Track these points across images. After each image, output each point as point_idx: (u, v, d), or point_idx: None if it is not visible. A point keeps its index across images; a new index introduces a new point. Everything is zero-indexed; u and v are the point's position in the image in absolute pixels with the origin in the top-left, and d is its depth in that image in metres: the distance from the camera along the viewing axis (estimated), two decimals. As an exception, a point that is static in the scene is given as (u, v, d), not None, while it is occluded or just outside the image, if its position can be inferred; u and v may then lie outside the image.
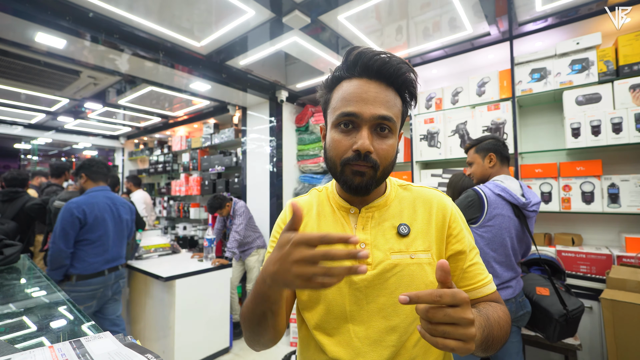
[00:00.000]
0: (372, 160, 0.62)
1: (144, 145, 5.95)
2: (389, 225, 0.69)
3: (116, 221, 2.27)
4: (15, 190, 2.91)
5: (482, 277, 0.70)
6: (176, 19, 2.03)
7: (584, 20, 2.03)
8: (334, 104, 0.66)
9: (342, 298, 0.67)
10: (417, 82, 0.66)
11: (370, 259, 0.66)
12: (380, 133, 0.63)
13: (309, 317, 0.71)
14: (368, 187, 0.64)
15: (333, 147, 0.65)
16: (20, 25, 1.87)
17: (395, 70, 0.62)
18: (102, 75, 2.84)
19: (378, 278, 0.65)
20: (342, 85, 0.66)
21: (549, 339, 1.52)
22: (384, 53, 0.63)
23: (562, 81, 2.11)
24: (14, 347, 0.68)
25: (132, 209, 2.48)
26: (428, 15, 2.05)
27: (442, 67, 2.72)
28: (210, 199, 3.08)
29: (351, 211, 0.72)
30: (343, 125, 0.64)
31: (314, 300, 0.70)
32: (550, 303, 1.52)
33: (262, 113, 3.50)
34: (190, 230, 4.51)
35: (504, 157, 1.63)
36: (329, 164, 0.68)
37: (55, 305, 1.06)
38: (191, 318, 2.53)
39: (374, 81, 0.63)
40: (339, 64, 0.68)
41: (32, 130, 4.85)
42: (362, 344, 0.65)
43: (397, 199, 0.73)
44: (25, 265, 1.69)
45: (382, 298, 0.65)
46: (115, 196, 2.36)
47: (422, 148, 2.67)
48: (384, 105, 0.62)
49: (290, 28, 2.09)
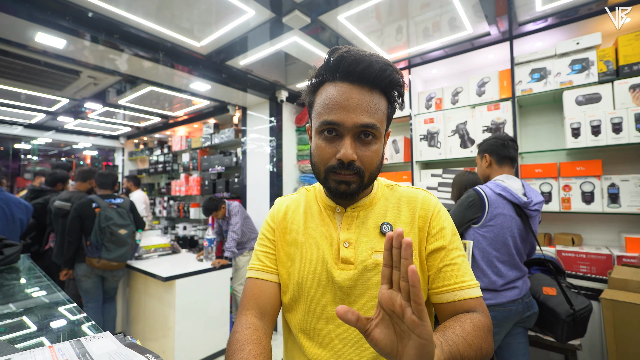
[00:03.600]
0: (356, 167, 0.62)
1: (144, 145, 5.95)
2: (372, 225, 0.69)
3: (8, 220, 2.23)
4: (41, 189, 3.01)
5: (462, 280, 0.65)
6: (176, 19, 2.03)
7: (584, 20, 2.03)
8: (317, 109, 0.65)
9: (324, 297, 0.67)
10: (402, 82, 0.65)
11: (353, 258, 0.66)
12: (364, 139, 0.63)
13: (291, 318, 0.71)
14: (354, 194, 0.65)
15: (317, 154, 0.65)
16: (20, 25, 1.86)
17: (377, 74, 0.60)
18: (102, 75, 2.84)
19: (360, 278, 0.65)
20: (325, 88, 0.64)
21: (559, 339, 1.50)
22: (367, 56, 0.61)
23: (562, 81, 2.11)
24: (14, 347, 0.68)
25: (30, 208, 2.42)
26: (428, 15, 2.05)
27: (442, 67, 2.72)
28: (204, 201, 3.07)
29: (337, 210, 0.72)
30: (326, 132, 0.63)
31: (295, 300, 0.70)
32: (557, 303, 1.49)
33: (262, 113, 3.50)
34: (190, 230, 4.51)
35: (502, 156, 1.62)
36: (315, 169, 0.68)
37: (55, 305, 1.06)
38: (191, 318, 2.53)
39: (356, 86, 0.61)
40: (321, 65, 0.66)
41: (32, 130, 4.85)
42: (344, 345, 0.64)
43: (383, 199, 0.73)
44: (25, 265, 1.69)
45: (363, 298, 0.65)
46: (10, 196, 2.31)
47: (422, 148, 2.67)
48: (366, 113, 0.61)
49: (290, 28, 2.09)
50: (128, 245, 2.67)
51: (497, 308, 1.41)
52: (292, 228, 0.75)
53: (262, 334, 0.64)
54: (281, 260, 0.74)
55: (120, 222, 2.64)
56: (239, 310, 0.71)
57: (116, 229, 2.58)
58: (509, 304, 1.42)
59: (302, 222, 0.74)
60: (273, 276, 0.74)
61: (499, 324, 1.42)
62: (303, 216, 0.75)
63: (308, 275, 0.69)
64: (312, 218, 0.74)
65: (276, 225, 0.78)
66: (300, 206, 0.78)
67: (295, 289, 0.70)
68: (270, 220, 0.79)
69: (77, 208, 2.56)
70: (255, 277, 0.74)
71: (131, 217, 2.77)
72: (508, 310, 1.42)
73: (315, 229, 0.72)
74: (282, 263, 0.74)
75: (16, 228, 2.30)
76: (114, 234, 2.56)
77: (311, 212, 0.75)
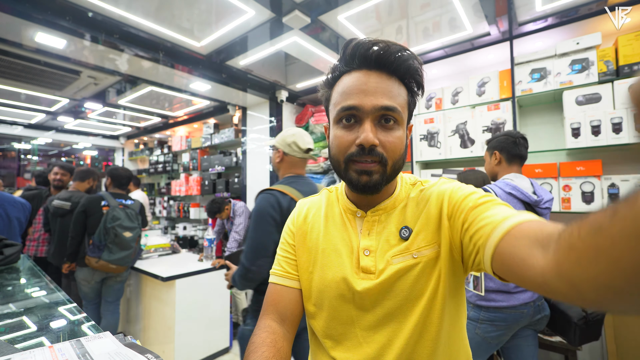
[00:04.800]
0: (378, 153, 0.58)
1: (144, 145, 5.95)
2: (394, 230, 0.63)
3: (3, 220, 2.19)
4: None
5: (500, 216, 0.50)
6: (176, 19, 2.03)
7: (584, 20, 2.03)
8: (335, 100, 0.63)
9: (347, 304, 0.64)
10: (422, 70, 0.61)
11: (374, 267, 0.62)
12: (385, 125, 0.59)
13: (315, 324, 0.69)
14: (377, 186, 0.59)
15: (336, 145, 0.62)
16: (20, 25, 1.87)
17: (395, 58, 0.58)
18: (102, 75, 2.84)
19: (382, 286, 0.61)
20: (342, 80, 0.62)
21: (571, 343, 1.47)
22: (383, 41, 0.58)
23: (562, 81, 2.11)
24: (14, 347, 0.68)
25: (26, 206, 2.38)
26: (428, 15, 2.05)
27: (442, 67, 2.72)
28: (208, 203, 3.06)
29: (357, 214, 0.67)
30: (345, 120, 0.60)
31: (319, 307, 0.67)
32: (568, 305, 1.46)
33: (262, 113, 3.50)
34: (190, 230, 4.51)
35: (513, 155, 1.57)
36: (334, 163, 0.64)
37: (55, 305, 1.06)
38: (191, 318, 2.53)
39: (374, 72, 0.59)
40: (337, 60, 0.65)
41: (32, 130, 4.85)
42: (371, 349, 0.62)
43: (405, 200, 0.66)
44: (25, 265, 1.69)
45: (389, 301, 0.61)
46: (3, 195, 2.26)
47: (422, 148, 2.67)
48: (386, 96, 0.58)
49: (290, 28, 2.09)
50: (131, 249, 2.55)
51: (509, 310, 1.39)
52: (313, 233, 0.72)
53: (279, 338, 0.63)
54: (302, 266, 0.72)
55: (127, 224, 2.53)
56: (260, 314, 0.71)
57: (121, 231, 2.49)
58: (521, 307, 1.39)
59: (323, 226, 0.71)
60: (293, 282, 0.72)
61: (509, 326, 1.40)
62: (324, 220, 0.71)
63: (329, 284, 0.66)
64: (333, 222, 0.70)
65: (296, 229, 0.75)
66: (321, 209, 0.74)
67: (318, 296, 0.67)
68: (291, 224, 0.76)
69: (84, 202, 2.49)
70: (275, 282, 0.73)
71: (139, 220, 2.67)
72: (520, 312, 1.39)
73: (335, 234, 0.69)
74: (303, 269, 0.71)
75: (14, 227, 2.27)
76: (119, 235, 2.47)
77: (332, 216, 0.71)
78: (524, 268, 0.41)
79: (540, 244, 0.39)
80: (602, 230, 0.29)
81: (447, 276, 0.58)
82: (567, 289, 0.34)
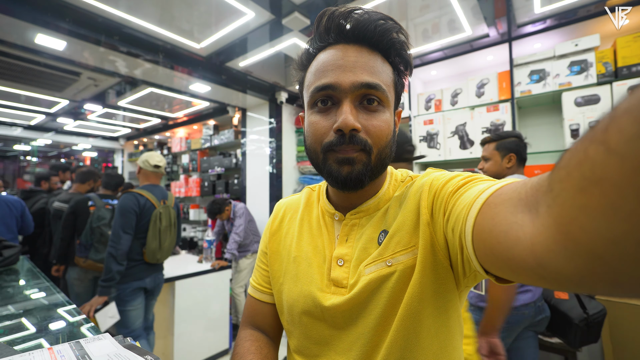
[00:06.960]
0: (361, 140, 0.48)
1: (144, 147, 5.95)
2: (375, 235, 0.53)
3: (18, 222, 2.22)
4: None
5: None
6: (176, 21, 2.04)
7: (583, 22, 2.03)
8: (308, 81, 0.53)
9: (318, 323, 0.55)
10: (408, 45, 0.52)
11: (346, 280, 0.52)
12: (368, 107, 0.49)
13: (290, 343, 0.62)
14: (361, 179, 0.49)
15: (311, 133, 0.52)
16: (20, 27, 1.87)
17: (375, 27, 0.48)
18: (102, 77, 2.85)
19: (353, 302, 0.51)
20: (317, 58, 0.53)
21: (571, 344, 1.46)
22: (362, 9, 0.50)
23: (561, 82, 2.12)
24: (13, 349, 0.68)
25: (19, 202, 2.39)
26: (427, 17, 2.06)
27: (441, 68, 2.73)
28: (208, 204, 3.07)
29: (335, 217, 0.58)
30: (320, 103, 0.50)
31: (291, 323, 0.59)
32: (569, 307, 1.45)
33: (261, 114, 3.51)
34: (190, 231, 4.51)
35: (522, 158, 1.57)
36: (310, 154, 0.54)
37: (54, 306, 1.06)
38: (191, 319, 2.53)
39: (352, 45, 0.50)
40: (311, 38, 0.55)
41: (32, 132, 4.85)
42: None
43: (392, 199, 0.56)
44: (24, 266, 1.68)
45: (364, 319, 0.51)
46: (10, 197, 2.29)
47: (421, 149, 2.68)
48: (367, 71, 0.48)
49: (290, 30, 2.10)
50: None
51: (510, 311, 1.38)
52: (287, 238, 0.63)
53: (264, 344, 0.61)
54: (274, 277, 0.63)
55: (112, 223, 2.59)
56: (240, 323, 0.68)
57: (107, 230, 2.47)
58: (522, 308, 1.39)
59: (297, 231, 0.61)
60: (266, 296, 0.66)
61: (511, 327, 1.39)
62: (299, 224, 0.62)
63: (297, 298, 0.57)
64: (308, 226, 0.61)
65: (270, 235, 0.66)
66: (298, 211, 0.65)
67: (289, 312, 0.59)
68: (267, 229, 0.68)
69: (72, 204, 2.51)
70: (251, 294, 0.68)
71: None
72: (521, 314, 1.39)
73: (309, 241, 0.59)
74: (275, 279, 0.63)
75: (11, 227, 2.29)
76: (104, 235, 2.45)
77: (309, 219, 0.62)
78: (507, 246, 0.29)
79: (526, 205, 0.28)
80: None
81: (431, 287, 0.47)
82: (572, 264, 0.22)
